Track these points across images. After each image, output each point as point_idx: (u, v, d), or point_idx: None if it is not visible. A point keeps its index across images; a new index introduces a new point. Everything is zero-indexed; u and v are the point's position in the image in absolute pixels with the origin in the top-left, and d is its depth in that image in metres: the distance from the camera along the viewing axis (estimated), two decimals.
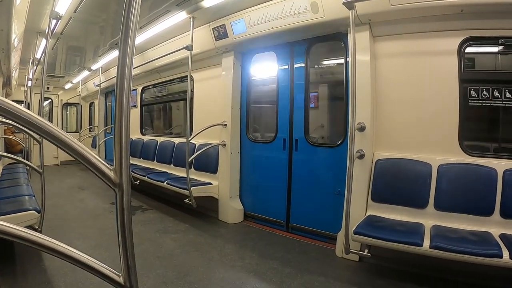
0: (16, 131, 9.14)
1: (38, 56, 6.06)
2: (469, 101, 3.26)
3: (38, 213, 3.20)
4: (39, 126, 0.79)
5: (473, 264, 2.44)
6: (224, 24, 4.66)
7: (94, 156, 0.88)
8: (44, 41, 5.15)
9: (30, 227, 3.09)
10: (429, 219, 3.15)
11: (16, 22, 4.08)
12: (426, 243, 2.62)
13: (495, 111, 3.25)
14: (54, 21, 3.95)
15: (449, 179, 3.19)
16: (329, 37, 4.15)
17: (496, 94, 3.15)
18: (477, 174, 3.07)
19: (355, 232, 2.94)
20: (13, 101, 0.76)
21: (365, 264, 3.48)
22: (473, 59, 3.38)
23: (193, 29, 4.64)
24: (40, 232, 3.37)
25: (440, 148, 3.33)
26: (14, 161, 5.52)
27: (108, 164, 0.93)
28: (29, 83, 7.06)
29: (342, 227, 3.40)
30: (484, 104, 3.22)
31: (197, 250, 3.89)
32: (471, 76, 3.30)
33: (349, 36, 3.43)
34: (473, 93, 3.24)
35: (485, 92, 3.20)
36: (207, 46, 5.10)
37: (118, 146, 0.94)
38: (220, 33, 4.79)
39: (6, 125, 7.58)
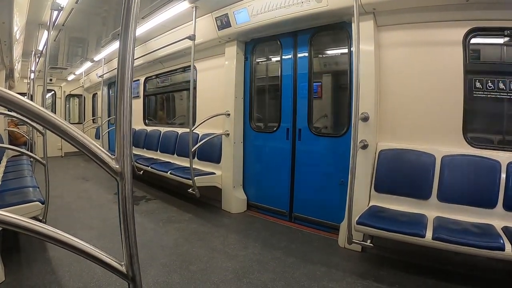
0: (20, 123, 9.19)
1: (40, 48, 6.05)
2: (474, 92, 3.23)
3: (42, 204, 3.22)
4: (41, 116, 0.79)
5: (475, 256, 2.45)
6: (227, 13, 4.61)
7: (96, 146, 0.88)
8: (46, 33, 5.13)
9: (35, 218, 3.11)
10: (432, 210, 3.15)
11: (18, 14, 4.06)
12: (429, 234, 2.62)
13: (500, 103, 3.21)
14: (55, 13, 3.93)
15: (453, 170, 3.17)
16: (332, 27, 4.11)
17: (501, 85, 3.12)
18: (481, 166, 3.06)
19: (358, 223, 2.95)
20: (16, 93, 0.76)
21: (367, 254, 3.49)
22: (478, 50, 3.34)
23: (195, 18, 4.60)
24: (45, 223, 3.40)
25: (444, 139, 3.31)
26: (18, 153, 5.55)
27: (110, 153, 0.93)
28: (32, 75, 7.06)
29: (345, 217, 3.41)
30: (489, 95, 3.19)
31: (200, 240, 3.92)
32: (476, 67, 3.26)
33: (353, 26, 3.38)
34: (478, 85, 3.21)
35: (490, 84, 3.16)
36: (210, 36, 5.07)
37: (120, 135, 0.94)
38: (223, 23, 4.75)
39: (10, 118, 7.62)
